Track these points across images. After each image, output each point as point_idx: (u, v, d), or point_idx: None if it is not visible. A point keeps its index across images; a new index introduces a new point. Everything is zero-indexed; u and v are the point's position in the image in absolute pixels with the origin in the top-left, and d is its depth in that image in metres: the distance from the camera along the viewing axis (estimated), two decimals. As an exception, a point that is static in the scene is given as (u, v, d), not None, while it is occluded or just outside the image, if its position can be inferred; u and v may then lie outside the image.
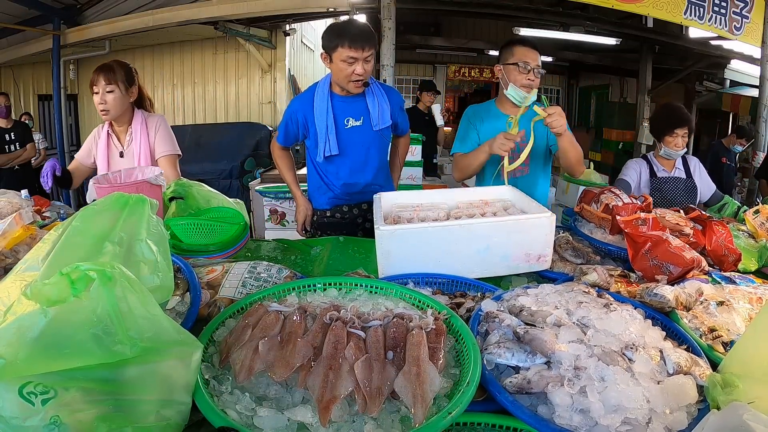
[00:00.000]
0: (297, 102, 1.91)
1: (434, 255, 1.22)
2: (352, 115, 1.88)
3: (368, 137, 1.92)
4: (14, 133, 4.46)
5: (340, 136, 1.87)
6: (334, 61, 1.73)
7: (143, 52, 6.30)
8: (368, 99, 1.88)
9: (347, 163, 1.92)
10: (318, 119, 1.84)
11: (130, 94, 1.87)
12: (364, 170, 1.95)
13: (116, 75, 1.81)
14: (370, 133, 1.91)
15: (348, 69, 1.72)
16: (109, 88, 1.80)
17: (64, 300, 0.55)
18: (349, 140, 1.89)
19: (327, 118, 1.82)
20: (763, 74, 4.56)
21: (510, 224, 1.27)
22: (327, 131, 1.83)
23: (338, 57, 1.71)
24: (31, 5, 4.86)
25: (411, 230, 1.22)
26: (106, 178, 1.59)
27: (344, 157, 1.90)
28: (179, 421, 0.64)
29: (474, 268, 1.24)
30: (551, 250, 1.31)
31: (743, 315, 0.99)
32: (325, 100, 1.83)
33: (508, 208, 1.49)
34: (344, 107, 1.87)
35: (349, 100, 1.87)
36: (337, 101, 1.86)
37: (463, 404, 0.65)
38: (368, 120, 1.89)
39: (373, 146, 1.94)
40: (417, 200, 1.58)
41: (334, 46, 1.70)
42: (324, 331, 0.80)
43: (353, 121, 1.88)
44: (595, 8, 4.45)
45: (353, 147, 1.90)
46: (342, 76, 1.75)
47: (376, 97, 1.89)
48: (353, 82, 1.76)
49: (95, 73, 1.80)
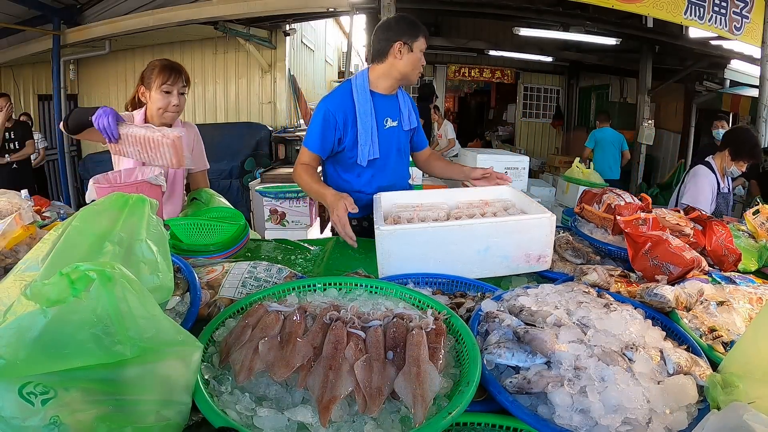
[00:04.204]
0: (332, 103, 1.72)
1: (434, 255, 1.22)
2: (390, 115, 1.80)
3: (402, 138, 1.87)
4: (13, 133, 4.47)
5: (380, 137, 1.77)
6: (414, 51, 1.68)
7: (143, 52, 6.30)
8: (399, 98, 1.84)
9: (384, 167, 1.82)
10: (362, 119, 1.71)
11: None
12: (401, 175, 1.89)
13: (187, 78, 1.74)
14: (402, 134, 1.87)
15: (422, 59, 1.72)
16: (184, 89, 1.72)
17: (64, 300, 0.55)
18: (387, 142, 1.81)
19: (371, 117, 1.72)
20: (763, 74, 4.56)
21: (510, 225, 1.27)
22: (370, 133, 1.73)
23: (419, 47, 1.69)
24: (31, 5, 4.86)
25: (411, 230, 1.22)
26: (106, 178, 1.58)
27: (381, 160, 1.80)
28: (179, 421, 0.64)
29: (474, 268, 1.24)
30: (551, 251, 1.31)
31: (743, 315, 0.99)
32: (367, 98, 1.72)
33: (509, 208, 1.49)
34: (384, 106, 1.78)
35: (387, 99, 1.80)
36: (378, 100, 1.76)
37: (463, 404, 0.65)
38: (401, 120, 1.84)
39: (403, 148, 1.90)
40: (417, 200, 1.57)
41: (417, 35, 1.68)
42: (324, 331, 0.80)
43: (391, 121, 1.81)
44: (595, 8, 4.44)
45: (389, 149, 1.82)
46: (418, 66, 1.72)
47: (404, 97, 1.86)
48: (417, 74, 1.75)
49: (167, 71, 1.67)
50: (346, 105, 1.72)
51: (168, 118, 1.72)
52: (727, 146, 2.48)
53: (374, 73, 1.75)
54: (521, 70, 9.16)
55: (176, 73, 1.68)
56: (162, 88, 1.66)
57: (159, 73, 1.66)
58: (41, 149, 5.26)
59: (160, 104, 1.67)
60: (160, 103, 1.67)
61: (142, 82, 1.71)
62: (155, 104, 1.68)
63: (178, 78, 1.68)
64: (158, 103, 1.67)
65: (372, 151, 1.74)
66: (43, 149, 5.37)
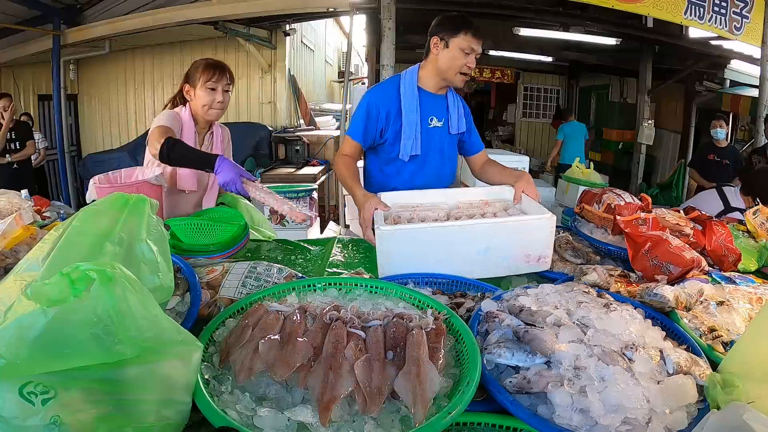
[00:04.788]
0: (376, 94, 1.73)
1: (434, 255, 1.22)
2: (435, 115, 1.77)
3: (445, 141, 1.82)
4: (15, 133, 4.48)
5: (423, 135, 1.74)
6: (450, 47, 1.63)
7: (143, 52, 6.30)
8: (449, 100, 1.80)
9: (424, 166, 1.79)
10: (407, 114, 1.70)
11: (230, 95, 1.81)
12: (440, 175, 1.84)
13: (230, 75, 1.74)
14: (447, 137, 1.82)
15: (463, 59, 1.63)
16: (228, 87, 1.73)
17: (64, 300, 0.55)
18: (429, 141, 1.77)
19: (417, 113, 1.70)
20: (763, 74, 4.56)
21: (510, 225, 1.27)
22: (415, 129, 1.71)
23: (457, 44, 1.62)
24: (31, 5, 4.86)
25: (411, 230, 1.22)
26: (107, 178, 1.59)
27: (422, 158, 1.77)
28: (179, 421, 0.64)
29: (474, 268, 1.24)
30: (551, 251, 1.31)
31: (743, 315, 0.99)
32: (414, 94, 1.71)
33: (508, 209, 1.49)
34: (430, 105, 1.75)
35: (435, 98, 1.77)
36: (424, 97, 1.74)
37: (463, 404, 0.65)
38: (447, 122, 1.80)
39: (448, 151, 1.85)
40: (417, 200, 1.56)
41: (457, 31, 1.61)
42: (324, 331, 0.80)
43: (436, 120, 1.77)
44: (595, 8, 4.44)
45: (432, 149, 1.79)
46: (454, 65, 1.65)
47: (456, 100, 1.83)
48: (462, 75, 1.67)
49: (212, 68, 1.69)
50: (391, 98, 1.71)
51: (213, 114, 1.74)
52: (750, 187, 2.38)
53: (422, 70, 1.74)
54: (521, 70, 9.15)
55: (220, 70, 1.71)
56: (207, 85, 1.68)
57: (204, 71, 1.68)
58: (41, 149, 5.26)
59: (205, 101, 1.69)
60: (205, 100, 1.69)
61: (187, 80, 1.73)
62: (200, 101, 1.70)
63: (222, 75, 1.70)
64: (203, 99, 1.69)
65: (414, 147, 1.72)
66: (44, 149, 5.37)
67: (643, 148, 6.49)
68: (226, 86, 1.73)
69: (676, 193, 5.58)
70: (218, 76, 1.70)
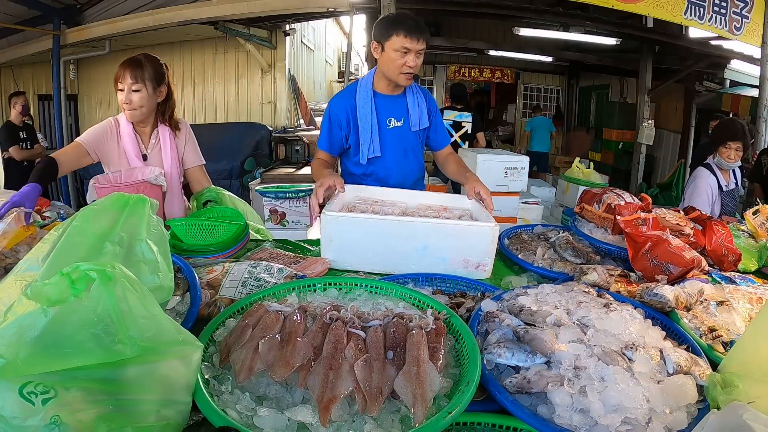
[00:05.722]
0: (337, 102, 1.80)
1: (373, 246, 1.28)
2: (393, 115, 1.82)
3: (407, 138, 1.86)
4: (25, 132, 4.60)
5: (383, 136, 1.80)
6: (386, 51, 1.67)
7: (143, 52, 6.29)
8: (408, 98, 1.83)
9: (388, 166, 1.85)
10: (362, 118, 1.76)
11: (158, 93, 1.69)
12: (405, 172, 1.89)
13: (144, 72, 1.62)
14: (409, 134, 1.86)
15: (400, 60, 1.66)
16: (136, 86, 1.61)
17: (64, 300, 0.55)
18: (390, 141, 1.82)
19: (371, 117, 1.76)
20: (763, 74, 4.56)
21: (449, 228, 1.29)
22: (371, 131, 1.76)
23: (391, 46, 1.65)
24: (31, 5, 4.86)
25: (353, 219, 1.29)
26: (106, 178, 1.59)
27: (385, 159, 1.82)
28: (179, 421, 0.64)
29: (412, 264, 1.28)
30: (492, 260, 1.31)
31: (743, 315, 0.99)
32: (368, 98, 1.76)
33: (462, 216, 1.49)
34: (387, 106, 1.80)
35: (392, 99, 1.81)
36: (380, 100, 1.79)
37: (463, 404, 0.65)
38: (407, 121, 1.84)
39: (411, 148, 1.89)
40: (379, 196, 1.63)
41: (389, 34, 1.65)
42: (324, 331, 0.80)
43: (395, 121, 1.82)
44: (595, 8, 4.44)
45: (394, 149, 1.83)
46: (393, 66, 1.68)
47: (416, 97, 1.85)
48: (404, 74, 1.69)
49: (121, 67, 1.61)
50: (349, 104, 1.77)
51: (127, 116, 1.67)
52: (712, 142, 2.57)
53: (376, 75, 1.79)
54: (521, 70, 9.16)
55: (124, 68, 1.61)
56: (118, 86, 1.63)
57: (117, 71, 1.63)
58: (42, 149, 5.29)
59: (120, 102, 1.65)
60: (120, 101, 1.64)
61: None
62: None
63: (125, 75, 1.61)
64: (119, 100, 1.65)
65: (372, 150, 1.78)
66: (44, 149, 5.39)
67: (643, 148, 6.49)
68: (132, 85, 1.61)
69: (676, 193, 5.58)
70: (122, 75, 1.61)
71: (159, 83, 1.68)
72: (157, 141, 1.75)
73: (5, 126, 4.55)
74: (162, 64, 1.72)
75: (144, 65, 1.63)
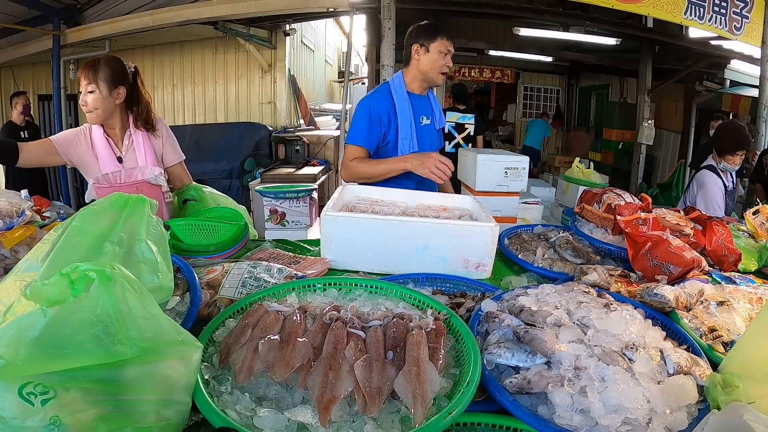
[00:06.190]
0: (375, 100, 1.89)
1: (373, 246, 1.28)
2: (424, 114, 1.97)
3: (434, 135, 2.03)
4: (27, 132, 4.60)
5: (419, 133, 1.93)
6: (431, 52, 1.84)
7: (143, 52, 6.29)
8: (431, 99, 2.00)
9: None
10: (401, 116, 1.88)
11: (115, 96, 1.63)
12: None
13: (98, 73, 1.59)
14: (434, 132, 2.02)
15: (442, 60, 1.85)
16: (90, 87, 1.59)
17: (64, 300, 0.55)
18: (423, 139, 1.95)
19: (410, 114, 1.89)
20: (763, 74, 4.56)
21: (449, 227, 1.28)
22: (410, 128, 1.89)
23: (437, 48, 1.83)
24: (31, 5, 4.86)
25: (353, 219, 1.29)
26: (106, 178, 1.58)
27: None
28: (179, 421, 0.64)
29: (411, 264, 1.28)
30: (492, 260, 1.31)
31: (743, 315, 0.99)
32: (405, 97, 1.90)
33: (462, 216, 1.49)
34: (419, 105, 1.94)
35: (421, 99, 1.96)
36: (414, 100, 1.93)
37: (463, 404, 0.65)
38: (433, 119, 2.00)
39: (437, 145, 2.05)
40: (379, 196, 1.64)
41: (434, 37, 1.83)
42: (324, 331, 0.80)
43: (425, 119, 1.98)
44: (595, 8, 4.44)
45: (425, 146, 1.96)
46: (436, 66, 1.86)
47: (433, 99, 2.02)
48: (442, 74, 1.88)
49: (80, 69, 1.61)
50: (388, 103, 1.89)
51: (87, 117, 1.65)
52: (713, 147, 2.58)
53: (407, 76, 1.93)
54: (521, 70, 9.16)
55: (81, 71, 1.60)
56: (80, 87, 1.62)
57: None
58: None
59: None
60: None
61: None
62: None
63: (80, 76, 1.60)
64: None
65: (412, 145, 1.90)
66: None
67: (643, 148, 6.49)
68: (87, 86, 1.59)
69: (676, 193, 5.59)
70: (81, 77, 1.59)
71: (116, 84, 1.63)
72: (131, 142, 1.74)
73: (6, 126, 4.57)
74: (125, 66, 1.68)
75: (99, 67, 1.60)
